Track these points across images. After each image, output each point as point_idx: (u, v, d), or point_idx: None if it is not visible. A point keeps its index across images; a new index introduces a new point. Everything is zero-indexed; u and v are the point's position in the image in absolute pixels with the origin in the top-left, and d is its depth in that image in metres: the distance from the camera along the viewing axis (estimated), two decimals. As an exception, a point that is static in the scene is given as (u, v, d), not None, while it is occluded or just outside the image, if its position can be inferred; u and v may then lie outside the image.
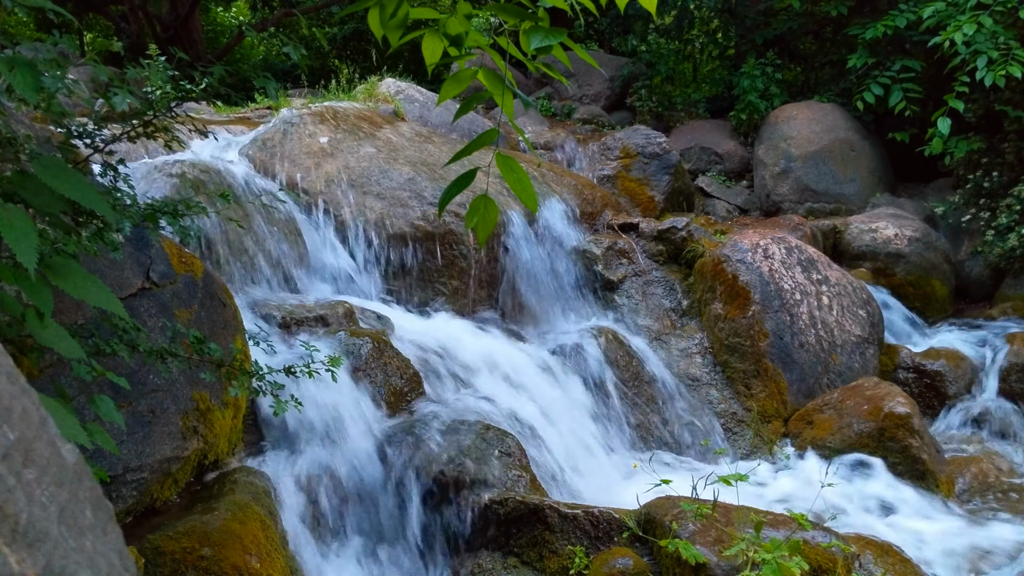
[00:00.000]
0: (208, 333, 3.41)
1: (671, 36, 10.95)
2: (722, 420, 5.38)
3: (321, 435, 3.78)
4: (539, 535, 3.57)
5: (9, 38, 2.07)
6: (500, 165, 1.93)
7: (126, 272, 3.25)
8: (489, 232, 2.01)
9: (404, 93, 7.52)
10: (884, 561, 3.63)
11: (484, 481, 3.73)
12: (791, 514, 3.22)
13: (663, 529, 3.36)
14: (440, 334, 4.99)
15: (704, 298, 5.94)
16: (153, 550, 2.86)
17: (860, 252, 7.19)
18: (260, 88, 3.24)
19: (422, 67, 11.12)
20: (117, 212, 2.46)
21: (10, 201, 1.82)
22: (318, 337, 4.26)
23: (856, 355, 5.68)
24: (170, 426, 3.14)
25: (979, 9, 6.92)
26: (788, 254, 5.91)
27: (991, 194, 7.27)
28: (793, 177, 8.33)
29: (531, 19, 1.94)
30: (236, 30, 14.67)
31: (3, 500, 0.80)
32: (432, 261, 5.49)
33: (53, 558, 0.84)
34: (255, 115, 7.27)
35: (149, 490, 3.07)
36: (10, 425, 0.85)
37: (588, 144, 8.15)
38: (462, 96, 5.37)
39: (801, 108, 8.75)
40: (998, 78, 6.54)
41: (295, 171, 5.61)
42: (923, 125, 7.66)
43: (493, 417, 4.29)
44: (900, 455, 4.71)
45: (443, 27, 2.07)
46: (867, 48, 8.31)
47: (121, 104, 2.39)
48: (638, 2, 1.97)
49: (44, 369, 2.76)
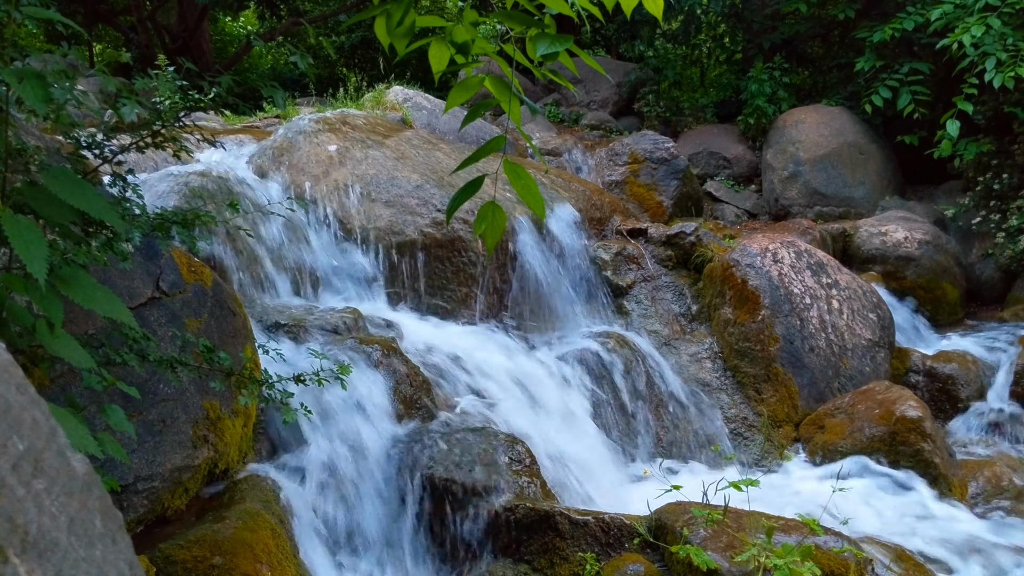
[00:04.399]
0: (218, 342, 3.42)
1: (678, 41, 10.95)
2: (732, 425, 5.36)
3: (331, 443, 3.78)
4: (550, 542, 3.56)
5: (19, 50, 2.08)
6: (508, 172, 1.93)
7: (136, 282, 3.26)
8: (498, 239, 2.01)
9: (412, 101, 7.53)
10: (897, 565, 3.60)
11: (494, 488, 3.72)
12: (803, 519, 3.21)
13: (674, 535, 3.35)
14: (449, 341, 4.99)
15: (714, 303, 5.92)
16: (164, 559, 2.87)
17: (870, 255, 7.15)
18: (268, 97, 3.25)
19: (429, 75, 11.15)
20: (126, 222, 2.47)
21: (20, 212, 1.83)
22: (327, 345, 4.26)
23: (867, 359, 5.65)
24: (180, 435, 3.15)
25: (987, 11, 6.90)
26: (797, 258, 5.89)
27: (1001, 196, 7.23)
28: (802, 181, 8.31)
29: (537, 26, 1.95)
30: (244, 40, 14.73)
31: (13, 510, 0.80)
32: (441, 268, 5.49)
33: (63, 568, 0.85)
34: (263, 124, 7.30)
35: (160, 499, 3.07)
36: (20, 435, 0.85)
37: (596, 150, 8.15)
38: (469, 103, 5.37)
39: (809, 112, 8.72)
40: (1007, 80, 6.52)
41: (304, 179, 5.63)
42: (932, 128, 7.63)
43: (503, 423, 4.28)
44: (912, 459, 4.68)
45: (449, 35, 2.07)
46: (875, 51, 8.28)
47: (130, 115, 2.40)
48: (645, 7, 1.97)
49: (55, 379, 2.77)
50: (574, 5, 2.06)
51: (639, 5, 1.95)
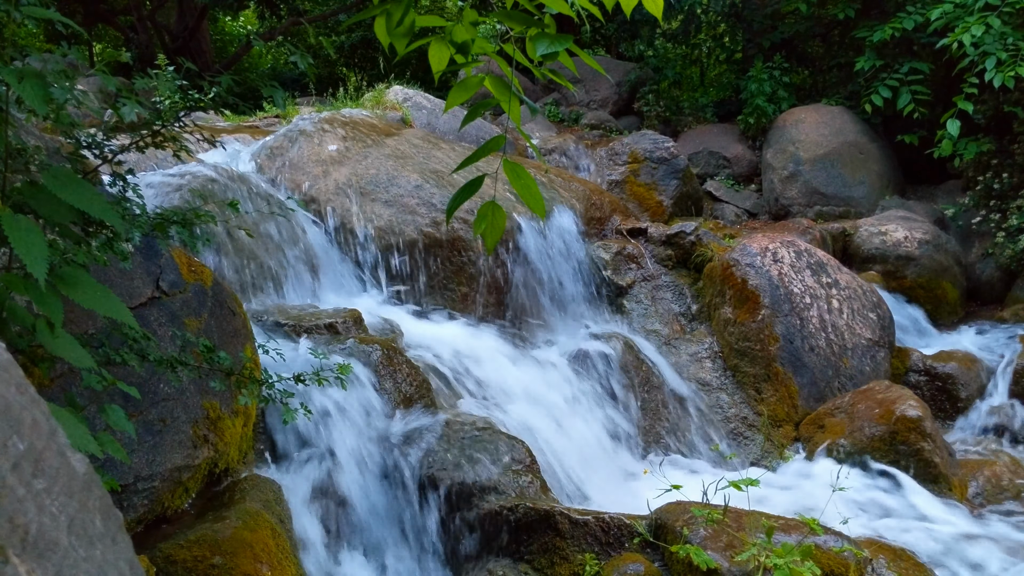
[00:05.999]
0: (218, 342, 3.42)
1: (678, 41, 10.95)
2: (732, 425, 5.36)
3: (330, 442, 3.78)
4: (550, 541, 3.56)
5: (19, 50, 2.08)
6: (508, 172, 1.92)
7: (136, 282, 3.26)
8: (497, 239, 2.01)
9: (412, 100, 7.53)
10: (897, 565, 3.60)
11: (494, 487, 3.72)
12: (803, 519, 3.21)
13: (674, 535, 3.35)
14: (449, 341, 4.99)
15: (714, 302, 5.93)
16: (164, 559, 2.87)
17: (870, 255, 7.15)
18: (268, 97, 3.25)
19: (429, 74, 11.15)
20: (126, 222, 2.47)
21: (20, 212, 1.83)
22: (327, 344, 4.26)
23: (867, 358, 5.65)
24: (180, 435, 3.15)
25: (987, 10, 6.90)
26: (797, 258, 5.89)
27: (1001, 196, 7.24)
28: (802, 180, 8.31)
29: (537, 26, 1.95)
30: (244, 39, 14.73)
31: (13, 510, 0.80)
32: (441, 268, 5.49)
33: (63, 568, 0.85)
34: (263, 124, 7.30)
35: (160, 499, 3.07)
36: (20, 436, 0.85)
37: (596, 149, 8.14)
38: (469, 103, 5.37)
39: (809, 111, 8.72)
40: (1007, 79, 6.52)
41: (303, 179, 5.63)
42: (932, 127, 7.63)
43: (503, 423, 4.28)
44: (912, 459, 4.68)
45: (449, 34, 2.07)
46: (875, 51, 8.28)
47: (130, 114, 2.40)
48: (644, 7, 1.97)
49: (55, 379, 2.77)
50: (574, 5, 2.06)
51: (639, 5, 1.95)
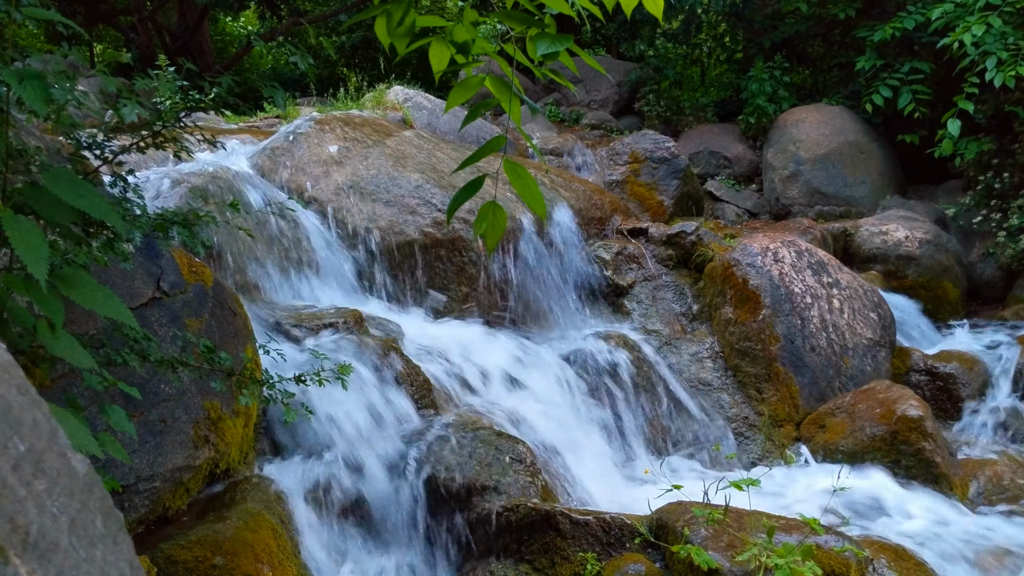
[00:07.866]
0: (218, 342, 3.42)
1: (679, 41, 10.95)
2: (733, 425, 5.36)
3: (331, 442, 3.78)
4: (551, 542, 3.55)
5: (19, 50, 2.08)
6: (508, 172, 1.92)
7: (137, 282, 3.26)
8: (498, 239, 2.01)
9: (412, 100, 7.53)
10: (898, 565, 3.60)
11: (495, 488, 3.72)
12: (804, 518, 3.20)
13: (675, 535, 3.35)
14: (450, 341, 4.99)
15: (714, 302, 5.92)
16: (165, 559, 2.87)
17: (871, 255, 7.15)
18: (268, 97, 3.25)
19: (430, 75, 11.15)
20: (127, 222, 2.47)
21: (21, 212, 1.83)
22: (328, 344, 4.26)
23: (868, 358, 5.65)
24: (181, 435, 3.15)
25: (988, 10, 6.89)
26: (798, 257, 5.89)
27: (1002, 195, 7.23)
28: (802, 180, 8.31)
29: (538, 26, 1.95)
30: (244, 40, 14.73)
31: (14, 511, 0.80)
32: (441, 268, 5.49)
33: (64, 569, 0.85)
34: (264, 124, 7.30)
35: (161, 499, 3.08)
36: (20, 436, 0.85)
37: (596, 149, 8.14)
38: (470, 103, 5.37)
39: (810, 111, 8.72)
40: (1008, 79, 6.51)
41: (304, 179, 5.63)
42: (933, 127, 7.63)
43: (504, 423, 4.28)
44: (913, 458, 4.68)
45: (450, 35, 2.07)
46: (875, 50, 8.28)
47: (130, 115, 2.40)
48: (645, 7, 1.97)
49: (56, 380, 2.78)
50: (574, 5, 2.06)
51: (639, 5, 1.95)
